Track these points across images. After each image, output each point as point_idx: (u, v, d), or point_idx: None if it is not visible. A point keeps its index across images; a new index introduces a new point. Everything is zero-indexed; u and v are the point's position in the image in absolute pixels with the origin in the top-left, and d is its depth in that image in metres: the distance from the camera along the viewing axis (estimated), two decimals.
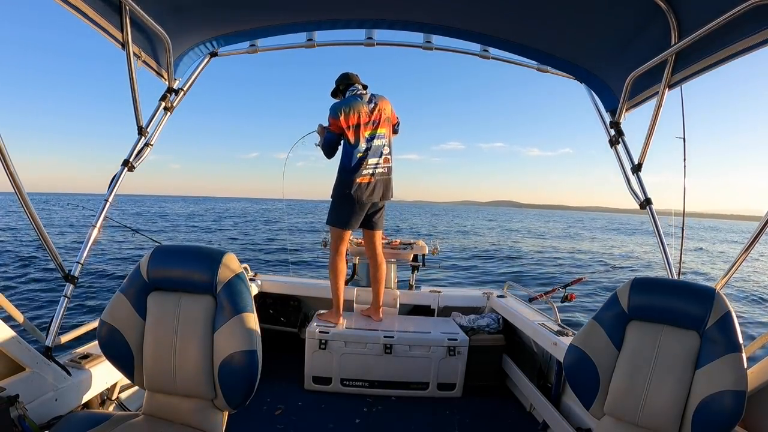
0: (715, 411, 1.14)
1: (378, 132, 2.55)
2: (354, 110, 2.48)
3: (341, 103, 2.53)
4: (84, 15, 1.44)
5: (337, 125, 2.50)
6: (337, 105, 2.52)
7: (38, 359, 1.30)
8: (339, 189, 2.54)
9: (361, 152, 2.50)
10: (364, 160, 2.50)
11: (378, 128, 2.55)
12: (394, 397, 2.45)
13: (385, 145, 2.60)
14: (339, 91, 2.69)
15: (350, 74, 2.68)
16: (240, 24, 1.96)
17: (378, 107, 2.56)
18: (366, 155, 2.50)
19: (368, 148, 2.51)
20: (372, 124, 2.53)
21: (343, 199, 2.54)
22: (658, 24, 1.49)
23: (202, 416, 1.29)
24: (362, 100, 2.54)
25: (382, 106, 2.58)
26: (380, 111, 2.57)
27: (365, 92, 2.62)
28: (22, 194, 1.30)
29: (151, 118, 1.89)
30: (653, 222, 1.78)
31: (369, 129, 2.53)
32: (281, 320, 2.96)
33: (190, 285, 1.30)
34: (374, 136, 2.54)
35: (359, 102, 2.52)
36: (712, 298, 1.23)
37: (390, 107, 2.65)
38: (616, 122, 1.98)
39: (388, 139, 2.64)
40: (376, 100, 2.58)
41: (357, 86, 2.64)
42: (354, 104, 2.50)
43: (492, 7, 1.75)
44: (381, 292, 2.75)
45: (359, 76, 2.69)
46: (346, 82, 2.67)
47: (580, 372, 1.38)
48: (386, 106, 2.61)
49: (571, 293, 2.49)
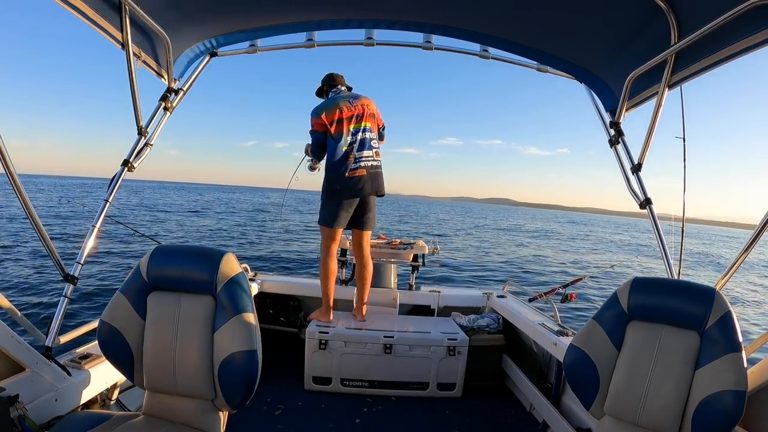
0: (715, 411, 1.14)
1: (363, 125, 2.55)
2: (334, 107, 2.50)
3: (322, 104, 2.56)
4: (83, 15, 1.44)
5: (319, 124, 2.51)
6: (318, 106, 2.56)
7: (38, 359, 1.30)
8: (327, 186, 2.54)
9: (346, 145, 2.49)
10: (350, 153, 2.49)
11: (362, 122, 2.56)
12: (394, 397, 2.45)
13: (373, 138, 2.60)
14: (323, 92, 2.73)
15: (335, 75, 2.72)
16: (240, 24, 1.96)
17: (360, 102, 2.58)
18: (352, 148, 2.50)
19: (354, 142, 2.51)
20: (355, 118, 2.54)
21: (331, 197, 2.53)
22: (658, 24, 1.49)
23: (201, 416, 1.29)
24: (343, 98, 2.56)
25: (364, 102, 2.60)
26: (363, 105, 2.58)
27: (347, 92, 2.66)
28: (21, 194, 1.30)
29: (150, 118, 1.89)
30: (653, 222, 1.78)
31: (353, 123, 2.53)
32: (281, 320, 2.96)
33: (190, 285, 1.30)
34: (359, 129, 2.54)
35: (339, 100, 2.55)
36: (712, 298, 1.23)
37: (374, 105, 2.66)
38: (616, 122, 1.98)
39: (376, 133, 2.65)
40: (358, 97, 2.61)
41: (340, 87, 2.68)
42: (334, 102, 2.53)
43: (492, 7, 1.75)
44: (366, 293, 2.75)
45: (344, 77, 2.73)
46: (330, 83, 2.70)
47: (580, 372, 1.38)
48: (369, 103, 2.63)
49: (571, 293, 2.49)
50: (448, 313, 2.96)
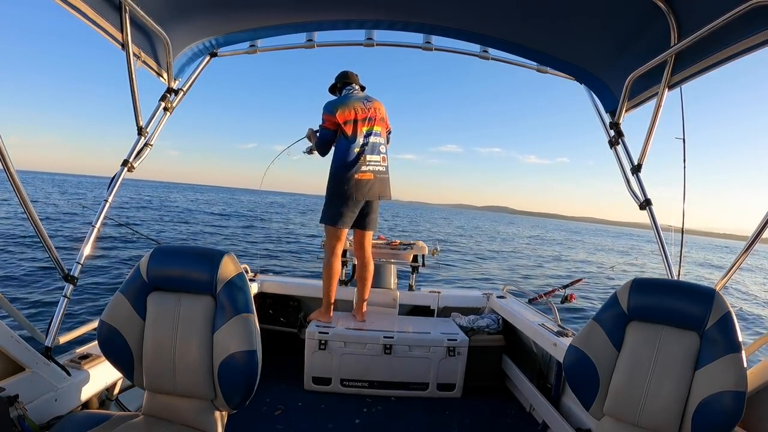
0: (714, 411, 1.14)
1: (375, 129, 2.56)
2: (350, 106, 2.50)
3: (336, 101, 2.55)
4: (83, 15, 1.44)
5: (332, 121, 2.50)
6: (332, 102, 2.54)
7: (38, 359, 1.30)
8: (334, 186, 2.53)
9: (358, 147, 2.49)
10: (361, 155, 2.49)
11: (374, 125, 2.56)
12: (393, 398, 2.45)
13: (382, 144, 2.61)
14: (336, 89, 2.71)
15: (350, 73, 2.70)
16: (240, 24, 1.96)
17: (373, 105, 2.58)
18: (363, 151, 2.50)
19: (365, 144, 2.51)
20: (368, 120, 2.54)
21: (337, 196, 2.52)
22: (658, 24, 1.49)
23: (201, 416, 1.29)
24: (357, 99, 2.56)
25: (377, 106, 2.60)
26: (375, 109, 2.58)
27: (361, 93, 2.65)
28: (21, 194, 1.30)
29: (150, 118, 1.89)
30: (653, 223, 1.78)
31: (366, 125, 2.53)
32: (281, 320, 2.96)
33: (189, 285, 1.30)
34: (371, 132, 2.54)
35: (354, 99, 2.54)
36: (711, 299, 1.23)
37: (384, 110, 2.66)
38: (616, 123, 1.98)
39: (385, 138, 2.65)
40: (371, 99, 2.61)
41: (354, 86, 2.66)
42: (349, 101, 2.52)
43: (492, 8, 1.75)
44: (366, 293, 2.75)
45: (359, 76, 2.70)
46: (344, 80, 2.68)
47: (580, 372, 1.38)
48: (381, 107, 2.63)
49: (570, 294, 2.49)
50: (448, 314, 2.96)
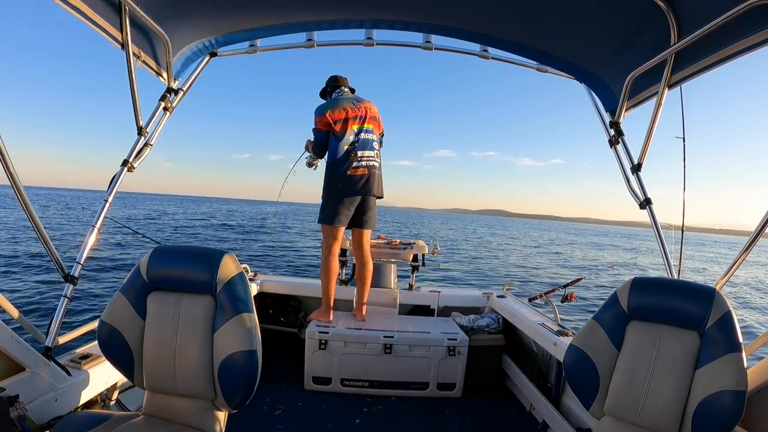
0: (715, 411, 1.14)
1: (366, 127, 2.59)
2: (339, 107, 2.55)
3: (326, 103, 2.61)
4: (83, 15, 1.44)
5: (323, 122, 2.54)
6: (322, 105, 2.60)
7: (38, 359, 1.30)
8: (328, 184, 2.56)
9: (348, 144, 2.52)
10: (352, 152, 2.52)
11: (365, 123, 2.59)
12: (394, 397, 2.45)
13: (374, 141, 2.64)
14: (327, 92, 2.78)
15: (339, 77, 2.78)
16: (240, 24, 1.96)
17: (363, 105, 2.62)
18: (354, 147, 2.53)
19: (356, 141, 2.54)
20: (359, 119, 2.57)
21: (332, 195, 2.55)
22: (658, 24, 1.49)
23: (201, 416, 1.29)
24: (347, 99, 2.60)
25: (367, 105, 2.64)
26: (366, 108, 2.62)
27: (351, 94, 2.71)
28: (21, 193, 1.30)
29: (150, 118, 1.89)
30: (653, 222, 1.78)
31: (357, 123, 2.57)
32: (281, 320, 2.97)
33: (189, 285, 1.30)
34: (362, 129, 2.58)
35: (344, 100, 2.59)
36: (711, 298, 1.23)
37: (376, 109, 2.70)
38: (616, 122, 1.98)
39: (377, 136, 2.69)
40: (361, 100, 2.65)
41: (343, 89, 2.73)
42: (339, 102, 2.57)
43: (492, 7, 1.75)
44: (366, 292, 2.76)
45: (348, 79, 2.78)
46: (334, 84, 2.75)
47: (580, 372, 1.38)
48: (372, 106, 2.67)
49: (570, 293, 2.49)
50: (448, 313, 2.96)
